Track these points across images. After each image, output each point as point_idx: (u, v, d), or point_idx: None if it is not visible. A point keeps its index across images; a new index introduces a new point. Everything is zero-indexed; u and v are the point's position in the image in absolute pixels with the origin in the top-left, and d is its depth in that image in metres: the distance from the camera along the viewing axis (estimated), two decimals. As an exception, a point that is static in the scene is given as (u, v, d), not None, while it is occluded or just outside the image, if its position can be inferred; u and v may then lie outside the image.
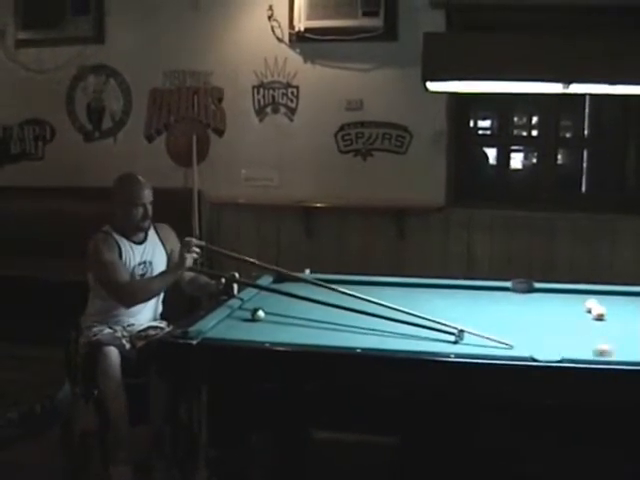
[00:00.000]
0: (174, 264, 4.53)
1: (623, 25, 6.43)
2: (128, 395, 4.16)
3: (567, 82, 3.91)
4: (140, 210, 4.51)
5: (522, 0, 6.63)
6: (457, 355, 3.15)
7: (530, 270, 5.36)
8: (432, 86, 4.07)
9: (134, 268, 4.52)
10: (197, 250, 4.47)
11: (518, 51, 3.90)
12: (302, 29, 6.95)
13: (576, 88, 3.99)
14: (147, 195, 4.53)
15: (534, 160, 7.42)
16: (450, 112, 7.01)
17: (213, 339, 3.38)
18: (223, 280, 4.35)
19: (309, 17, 6.91)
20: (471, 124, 7.44)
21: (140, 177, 4.60)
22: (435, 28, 6.50)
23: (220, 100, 7.28)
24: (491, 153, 7.48)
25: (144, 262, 4.56)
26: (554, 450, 3.15)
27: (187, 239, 4.51)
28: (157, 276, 4.52)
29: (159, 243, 4.68)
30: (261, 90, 7.21)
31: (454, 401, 3.13)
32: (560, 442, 3.13)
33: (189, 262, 4.44)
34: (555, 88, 4.01)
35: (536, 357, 3.07)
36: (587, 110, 7.12)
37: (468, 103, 7.16)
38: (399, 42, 6.87)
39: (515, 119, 7.58)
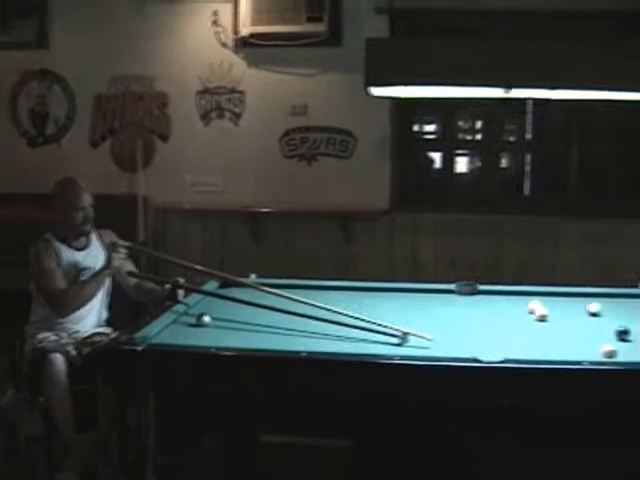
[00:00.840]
0: (101, 267, 4.53)
1: (564, 30, 6.53)
2: (74, 402, 4.13)
3: (508, 87, 3.96)
4: (80, 214, 4.51)
5: (465, 5, 6.68)
6: (402, 357, 3.19)
7: (475, 273, 5.42)
8: (375, 91, 4.10)
9: (77, 274, 4.50)
10: (123, 251, 4.49)
11: (460, 56, 3.96)
12: (247, 34, 6.95)
13: (517, 93, 4.05)
14: (86, 198, 4.54)
15: (478, 164, 7.49)
16: (394, 117, 7.06)
17: (158, 345, 3.37)
18: (167, 286, 4.34)
19: (254, 23, 6.91)
20: (416, 128, 7.49)
21: (79, 181, 4.60)
22: (379, 33, 6.54)
23: (165, 105, 7.25)
24: (436, 157, 7.53)
25: (87, 268, 4.54)
26: (504, 450, 3.19)
27: (113, 241, 4.56)
28: (87, 280, 4.50)
29: (102, 249, 4.66)
30: (206, 95, 7.19)
31: (400, 403, 3.16)
32: (509, 442, 3.18)
33: (116, 263, 4.49)
34: (496, 93, 4.07)
35: (479, 358, 3.11)
36: (529, 114, 7.20)
37: (412, 107, 7.20)
38: (343, 47, 6.89)
39: (460, 123, 7.65)
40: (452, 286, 4.71)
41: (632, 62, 3.97)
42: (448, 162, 7.49)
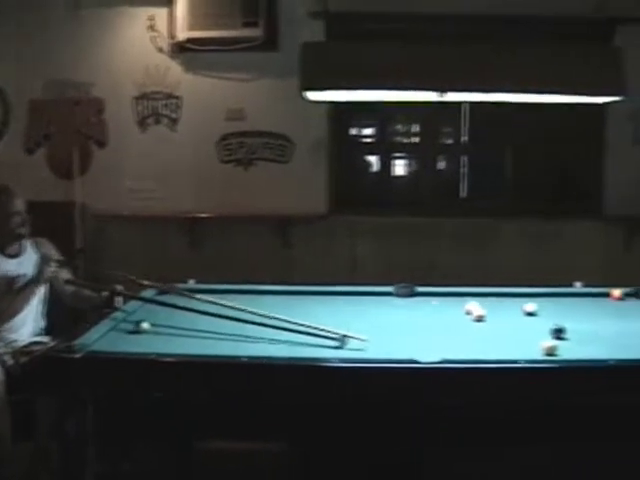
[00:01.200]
0: (31, 278, 4.52)
1: (499, 34, 6.62)
2: (12, 411, 4.08)
3: (442, 90, 4.01)
4: (15, 219, 4.47)
5: (400, 9, 6.73)
6: (341, 360, 3.20)
7: (413, 275, 5.44)
8: (311, 95, 4.12)
9: (10, 282, 4.46)
10: (54, 264, 4.48)
11: (395, 60, 3.99)
12: (183, 39, 6.92)
13: (451, 96, 4.10)
14: (20, 204, 4.52)
15: (415, 167, 7.56)
16: (331, 120, 7.09)
17: (97, 352, 3.35)
18: (104, 293, 4.32)
19: (190, 27, 6.88)
20: (353, 132, 7.53)
21: (11, 187, 4.57)
22: (315, 38, 6.55)
23: (101, 111, 7.19)
24: (373, 160, 7.57)
25: (20, 276, 4.50)
26: (444, 449, 3.23)
27: (45, 253, 4.56)
28: (16, 291, 4.48)
29: (36, 257, 4.62)
30: (143, 101, 7.15)
31: (340, 405, 3.18)
32: (449, 442, 3.22)
33: (46, 275, 4.49)
34: (431, 96, 4.11)
35: (417, 359, 3.14)
36: (465, 117, 7.28)
37: (349, 111, 7.24)
38: (280, 52, 6.90)
39: (397, 126, 7.70)
40: (390, 288, 4.75)
41: (563, 66, 4.04)
42: (385, 165, 7.53)
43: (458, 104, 7.04)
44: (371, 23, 6.80)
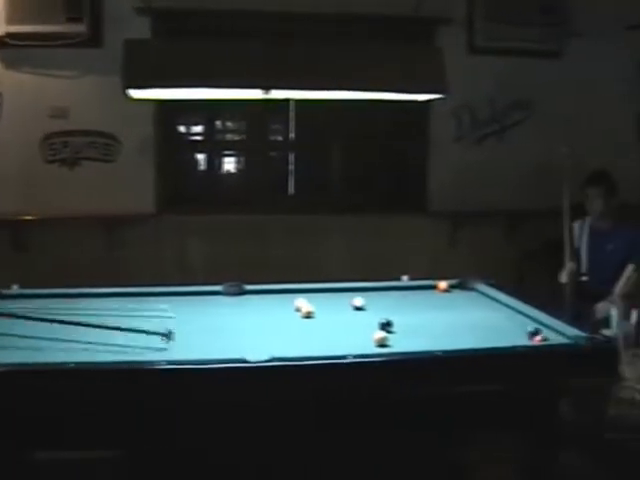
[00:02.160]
0: None
1: (323, 32, 6.69)
2: None
3: (266, 88, 4.00)
4: None
5: (226, 7, 6.71)
6: (169, 362, 3.15)
7: (244, 273, 5.44)
8: (134, 93, 4.04)
9: None
10: None
11: (220, 57, 3.96)
12: (2, 34, 6.66)
13: (276, 94, 4.10)
14: None
15: (244, 164, 7.55)
16: (158, 118, 7.01)
17: None
18: None
19: (10, 21, 6.62)
20: (181, 130, 7.46)
21: None
22: (141, 35, 6.45)
23: None
24: (202, 158, 7.52)
25: None
26: (282, 446, 3.23)
27: None
28: None
29: None
30: (-40, 99, 6.86)
31: (172, 408, 3.13)
32: (284, 439, 3.23)
33: None
34: (255, 94, 4.10)
35: (247, 358, 3.13)
36: (292, 114, 7.32)
37: (177, 109, 7.17)
38: (104, 49, 6.75)
39: (225, 124, 7.67)
40: (220, 287, 4.71)
41: (385, 64, 4.10)
42: (214, 163, 7.50)
43: (286, 101, 7.07)
44: (196, 20, 6.77)
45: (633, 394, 1.74)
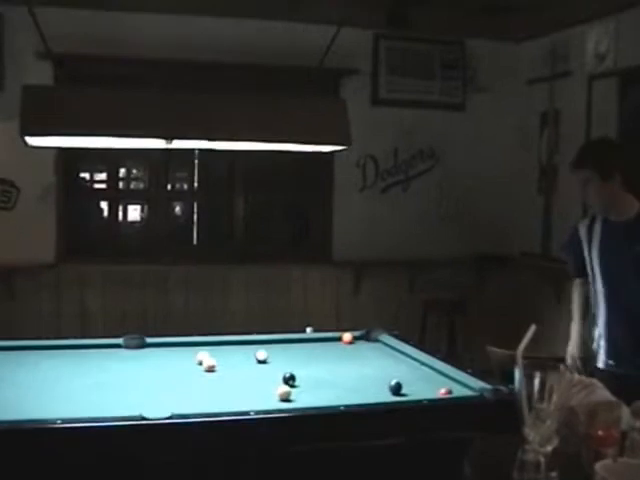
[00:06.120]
0: None
1: (229, 83, 6.68)
2: None
3: (169, 138, 3.94)
4: None
5: (131, 54, 6.64)
6: (64, 420, 3.01)
7: (146, 325, 5.34)
8: (32, 141, 3.93)
9: None
10: None
11: (122, 106, 3.89)
12: None
13: (178, 143, 4.05)
14: None
15: (147, 213, 7.44)
16: (60, 166, 6.87)
17: None
18: None
19: None
20: (84, 177, 7.32)
21: None
22: (43, 80, 6.36)
23: None
24: (104, 207, 7.38)
25: None
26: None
27: None
28: None
29: None
30: None
31: (67, 468, 2.98)
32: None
33: None
34: (158, 143, 4.04)
35: (145, 415, 3.02)
36: (196, 163, 7.27)
37: (79, 156, 7.05)
38: (5, 93, 6.59)
39: (131, 172, 7.56)
40: (120, 340, 4.58)
41: (290, 115, 4.09)
42: (116, 212, 7.37)
43: (191, 151, 7.02)
44: (99, 67, 6.67)
45: (537, 457, 1.71)
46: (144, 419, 3.01)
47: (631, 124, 6.21)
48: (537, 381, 1.85)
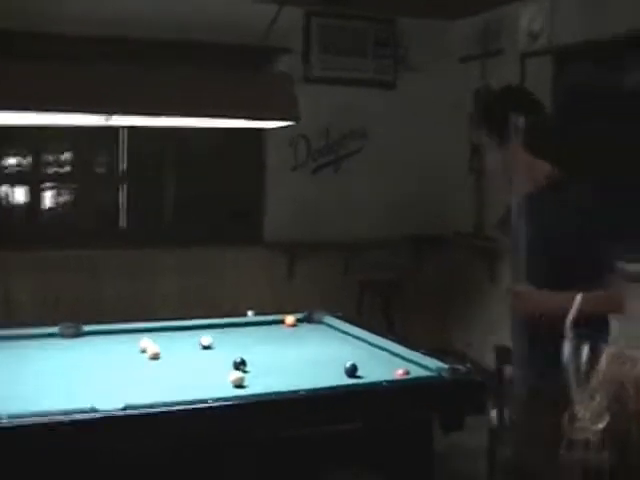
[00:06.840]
0: None
1: (169, 59, 6.49)
2: None
3: (109, 113, 3.76)
4: None
5: (65, 30, 6.38)
6: (9, 416, 2.81)
7: (78, 312, 5.12)
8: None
9: None
10: None
11: (57, 81, 3.69)
12: None
13: (118, 120, 3.88)
14: None
15: (71, 197, 7.18)
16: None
17: None
18: None
19: None
20: (5, 162, 6.99)
21: None
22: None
23: None
24: (26, 192, 7.07)
25: None
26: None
27: None
28: None
29: None
30: None
31: (13, 466, 2.80)
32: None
33: None
34: (96, 120, 3.86)
35: (98, 407, 2.85)
36: (124, 145, 7.03)
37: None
38: None
39: (51, 156, 7.23)
40: (55, 329, 4.36)
41: (229, 90, 3.96)
42: (38, 197, 7.07)
43: (115, 131, 6.79)
44: (31, 43, 6.37)
45: (587, 435, 1.61)
46: (96, 411, 2.84)
47: (566, 102, 6.20)
48: (585, 354, 1.73)
